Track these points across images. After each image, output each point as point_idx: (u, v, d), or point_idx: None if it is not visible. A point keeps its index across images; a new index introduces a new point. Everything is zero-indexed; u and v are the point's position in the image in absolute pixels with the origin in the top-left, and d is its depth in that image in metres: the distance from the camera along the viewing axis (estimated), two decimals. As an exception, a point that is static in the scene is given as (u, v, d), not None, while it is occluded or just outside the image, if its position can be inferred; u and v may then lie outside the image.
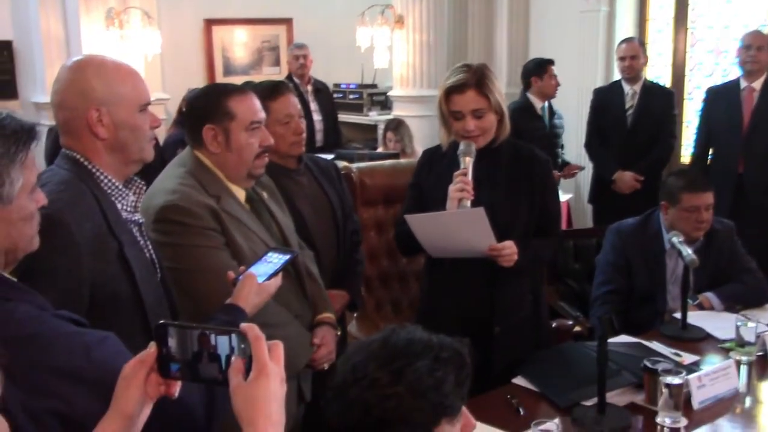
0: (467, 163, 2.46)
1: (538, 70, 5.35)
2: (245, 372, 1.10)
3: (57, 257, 1.55)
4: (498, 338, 2.55)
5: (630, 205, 4.70)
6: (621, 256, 3.25)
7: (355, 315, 3.40)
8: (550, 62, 5.40)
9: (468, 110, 2.49)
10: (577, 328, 3.25)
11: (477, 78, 2.49)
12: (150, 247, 1.88)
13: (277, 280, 1.98)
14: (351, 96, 7.64)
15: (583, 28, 6.32)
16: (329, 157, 4.57)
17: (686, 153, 5.79)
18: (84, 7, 6.05)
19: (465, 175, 2.43)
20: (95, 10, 6.10)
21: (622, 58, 5.05)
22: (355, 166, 3.68)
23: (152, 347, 1.16)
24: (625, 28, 6.23)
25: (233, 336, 1.12)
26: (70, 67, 1.77)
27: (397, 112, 6.93)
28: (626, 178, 4.96)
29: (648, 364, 2.27)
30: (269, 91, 2.67)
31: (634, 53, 5.00)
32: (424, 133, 6.55)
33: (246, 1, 7.50)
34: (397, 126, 6.07)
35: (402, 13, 6.78)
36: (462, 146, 2.49)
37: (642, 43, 5.17)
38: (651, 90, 5.09)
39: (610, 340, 2.48)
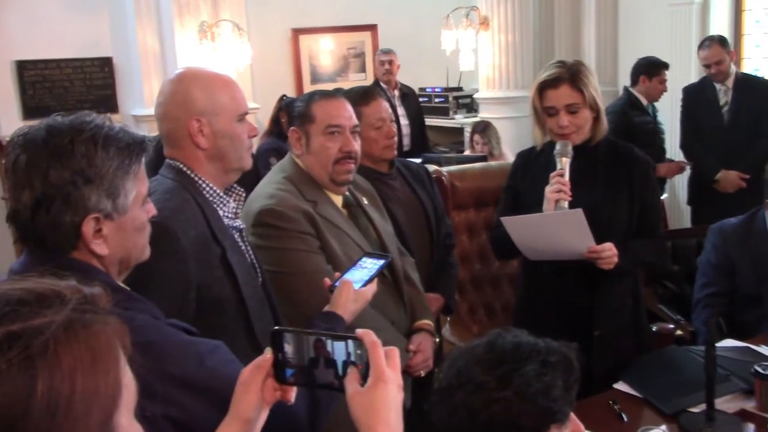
0: (564, 163, 2.40)
1: (649, 70, 5.18)
2: (362, 378, 1.10)
3: (165, 263, 1.60)
4: (598, 342, 2.48)
5: (731, 204, 4.53)
6: (724, 256, 3.12)
7: (448, 319, 3.39)
8: (665, 66, 5.22)
9: (562, 105, 2.44)
10: (679, 332, 3.15)
11: (571, 72, 2.44)
12: (251, 251, 1.92)
13: (373, 286, 1.98)
14: (436, 99, 7.63)
15: (674, 23, 6.11)
16: (417, 161, 4.58)
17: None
18: (178, 21, 6.25)
19: (562, 175, 2.38)
20: (188, 24, 6.30)
21: (707, 66, 4.89)
22: (445, 169, 3.67)
23: (268, 353, 1.18)
24: (720, 20, 5.99)
25: (350, 342, 1.12)
26: (172, 79, 1.83)
27: (484, 114, 6.88)
28: (731, 177, 4.78)
29: (759, 369, 2.17)
30: (361, 96, 2.71)
31: (718, 59, 4.82)
32: (511, 135, 6.48)
33: (331, 9, 7.59)
34: (484, 128, 6.03)
35: (487, 15, 6.73)
36: (558, 146, 2.44)
37: (723, 42, 4.91)
38: (746, 83, 4.89)
39: (716, 344, 2.38)
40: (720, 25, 5.91)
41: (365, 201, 2.47)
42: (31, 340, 0.73)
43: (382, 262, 2.02)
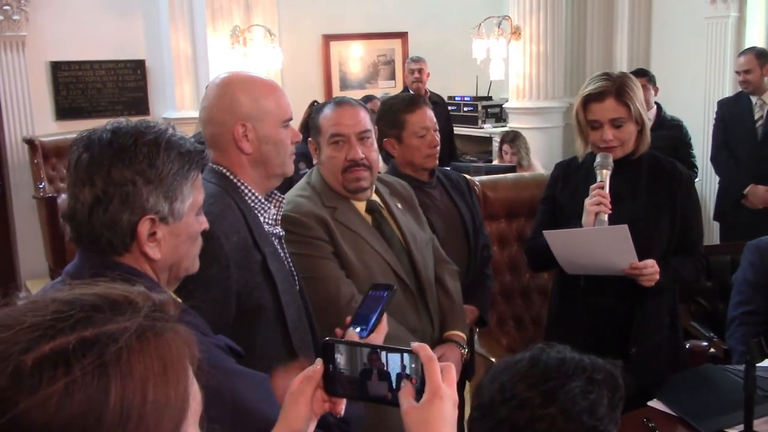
0: (604, 176, 2.38)
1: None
2: (416, 393, 1.09)
3: (208, 268, 1.61)
4: (634, 360, 2.45)
5: (760, 221, 4.48)
6: (761, 274, 3.06)
7: (477, 330, 3.37)
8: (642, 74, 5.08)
9: (606, 119, 2.42)
10: (712, 350, 3.10)
11: (617, 86, 2.42)
12: (289, 259, 1.92)
13: (383, 327, 1.70)
14: (465, 108, 7.61)
15: (710, 36, 6.04)
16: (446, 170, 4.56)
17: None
18: (211, 26, 6.31)
19: (602, 188, 2.36)
20: (221, 29, 6.35)
21: (738, 72, 4.88)
22: (477, 179, 3.65)
23: (319, 364, 1.17)
24: (756, 34, 5.92)
25: (405, 355, 1.10)
26: (218, 83, 1.84)
27: (513, 124, 6.86)
28: (760, 193, 4.71)
29: (800, 390, 2.13)
30: (406, 104, 2.72)
31: (747, 67, 4.78)
32: (541, 146, 6.46)
33: (362, 16, 7.62)
34: (513, 138, 6.00)
35: (519, 24, 6.71)
36: (599, 158, 2.42)
37: (761, 54, 4.87)
38: None
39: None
40: (755, 39, 5.84)
41: (399, 206, 2.45)
42: (105, 347, 0.72)
43: (386, 294, 1.80)
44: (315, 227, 2.20)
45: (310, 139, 2.38)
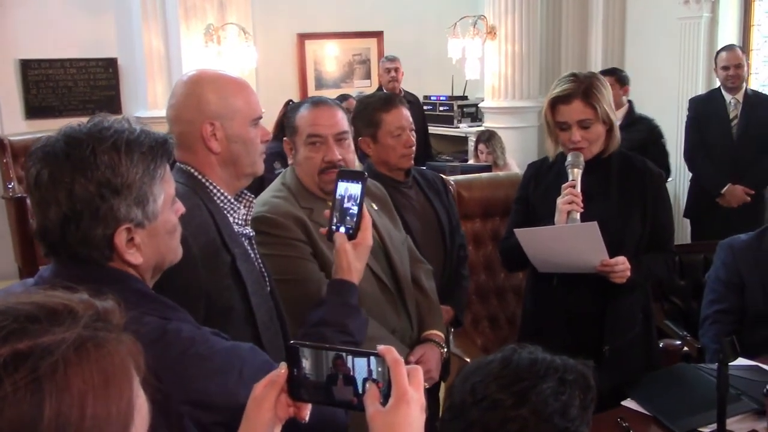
0: (575, 174, 2.38)
1: None
2: (382, 397, 1.06)
3: (175, 271, 1.57)
4: (607, 358, 2.45)
5: (732, 220, 4.52)
6: (734, 273, 3.09)
7: (452, 330, 3.36)
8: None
9: (574, 121, 2.43)
10: (685, 349, 3.11)
11: (584, 88, 2.42)
12: (259, 259, 1.89)
13: (367, 224, 1.76)
14: (441, 108, 7.61)
15: (683, 36, 6.11)
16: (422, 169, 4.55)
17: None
18: (184, 24, 6.25)
19: (573, 187, 2.36)
20: (194, 27, 6.29)
21: (725, 68, 4.82)
22: (452, 178, 3.64)
23: (283, 368, 1.13)
24: (728, 35, 5.99)
25: (372, 359, 1.07)
26: (185, 81, 1.80)
27: (488, 123, 6.87)
28: (737, 192, 4.75)
29: (772, 389, 2.14)
30: (382, 103, 2.70)
31: (738, 62, 4.77)
32: (516, 145, 6.47)
33: (337, 15, 7.59)
34: (489, 138, 6.01)
35: (494, 24, 6.72)
36: (570, 157, 2.42)
37: (743, 50, 4.95)
38: (755, 99, 4.86)
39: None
40: (728, 39, 5.90)
41: (375, 207, 2.43)
42: (40, 361, 0.68)
43: (360, 184, 1.73)
44: (293, 228, 2.16)
45: (285, 138, 2.34)
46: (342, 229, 1.73)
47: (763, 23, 5.98)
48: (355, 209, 1.72)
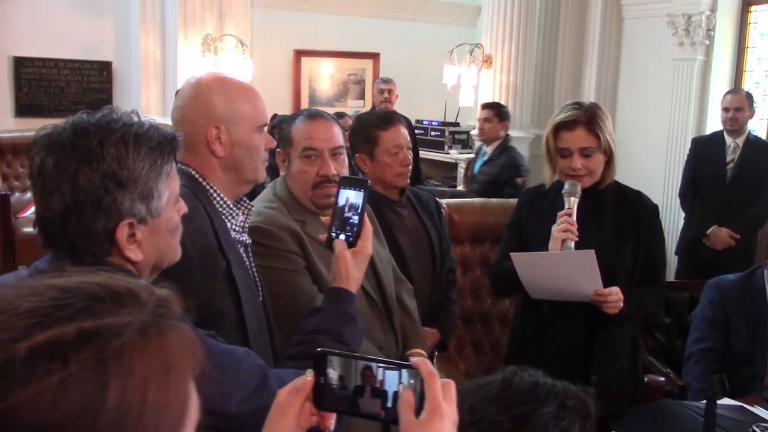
0: (572, 203, 2.38)
1: None
2: (415, 409, 1.03)
3: (171, 272, 1.54)
4: (594, 388, 2.43)
5: (719, 261, 4.53)
6: (720, 312, 3.10)
7: (436, 354, 3.33)
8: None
9: (576, 148, 2.42)
10: (666, 387, 3.11)
11: (588, 116, 2.42)
12: (254, 268, 1.86)
13: (368, 233, 1.72)
14: (433, 133, 7.64)
15: (676, 77, 6.18)
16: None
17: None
18: (182, 32, 6.24)
19: (570, 215, 2.35)
20: (192, 36, 6.28)
21: (726, 109, 4.85)
22: (444, 201, 3.64)
23: (309, 375, 1.10)
24: (721, 78, 6.07)
25: (404, 371, 1.04)
26: (193, 83, 1.78)
27: (479, 151, 6.89)
28: (722, 235, 4.76)
29: (758, 430, 2.14)
30: (381, 121, 2.68)
31: (739, 105, 4.80)
32: (506, 174, 6.48)
33: (335, 34, 7.62)
34: (479, 165, 6.02)
35: (491, 53, 6.78)
36: (567, 186, 2.42)
37: (750, 96, 4.96)
38: (755, 144, 4.88)
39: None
40: (720, 83, 5.98)
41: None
42: (107, 342, 0.66)
43: (362, 192, 1.70)
44: (287, 240, 2.13)
45: (278, 149, 2.31)
46: (342, 237, 1.70)
47: (756, 69, 6.06)
48: (356, 218, 1.69)
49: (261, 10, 7.04)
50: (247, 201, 1.88)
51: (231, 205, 1.79)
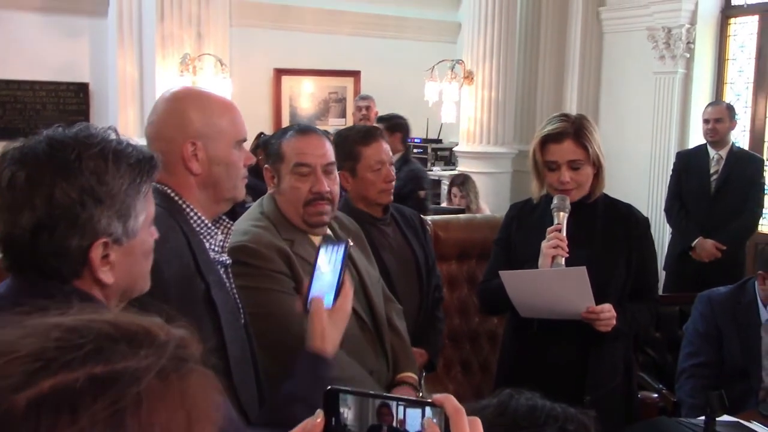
0: (561, 218, 2.31)
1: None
2: None
3: (145, 297, 1.46)
4: (588, 408, 2.36)
5: (708, 275, 4.50)
6: (712, 326, 3.05)
7: (424, 375, 3.25)
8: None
9: (564, 161, 2.36)
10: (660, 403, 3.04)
11: (576, 127, 2.37)
12: (235, 290, 1.78)
13: (348, 292, 1.67)
14: (415, 150, 7.58)
15: (657, 90, 6.19)
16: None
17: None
18: (160, 52, 6.15)
19: (559, 231, 2.29)
20: (170, 56, 6.20)
21: (706, 120, 4.86)
22: (429, 218, 3.57)
23: (319, 416, 1.00)
24: (702, 91, 6.08)
25: (427, 409, 0.94)
26: (168, 97, 1.71)
27: (462, 168, 6.87)
28: (707, 246, 4.73)
29: (758, 447, 2.08)
30: (362, 136, 2.61)
31: (718, 116, 4.80)
32: (489, 191, 6.46)
33: (315, 52, 7.57)
34: (463, 181, 5.98)
35: (472, 69, 6.76)
36: (556, 200, 2.35)
37: (730, 108, 4.96)
38: (738, 156, 4.87)
39: (701, 418, 2.28)
40: (701, 96, 6.00)
41: (350, 242, 2.33)
42: (123, 390, 0.56)
43: (342, 250, 1.66)
44: (276, 260, 2.05)
45: (266, 166, 2.22)
46: (323, 297, 1.61)
47: (736, 81, 6.08)
48: (334, 279, 1.63)
49: (240, 29, 6.98)
50: (227, 219, 1.80)
51: (209, 225, 1.71)
